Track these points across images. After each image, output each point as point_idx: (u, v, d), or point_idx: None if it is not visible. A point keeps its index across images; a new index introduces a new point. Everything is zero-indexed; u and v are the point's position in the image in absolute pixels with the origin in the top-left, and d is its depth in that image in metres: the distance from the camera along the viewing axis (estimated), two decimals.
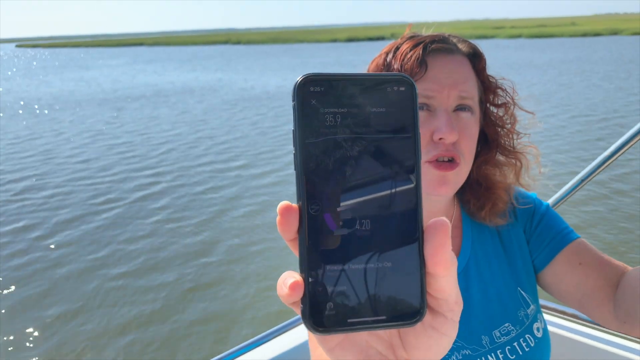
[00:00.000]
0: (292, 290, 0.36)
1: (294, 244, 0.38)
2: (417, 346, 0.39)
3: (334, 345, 0.39)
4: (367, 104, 0.38)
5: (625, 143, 1.43)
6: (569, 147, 9.92)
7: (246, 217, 7.20)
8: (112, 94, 22.59)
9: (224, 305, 4.98)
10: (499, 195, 1.10)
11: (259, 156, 10.53)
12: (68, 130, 14.29)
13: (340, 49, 54.59)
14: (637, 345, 1.47)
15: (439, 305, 0.38)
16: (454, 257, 0.38)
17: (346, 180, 0.37)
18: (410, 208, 0.38)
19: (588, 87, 17.75)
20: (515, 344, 1.04)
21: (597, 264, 1.05)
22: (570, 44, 45.66)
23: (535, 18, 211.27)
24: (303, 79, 0.37)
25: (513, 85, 1.11)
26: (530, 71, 23.65)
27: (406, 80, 0.39)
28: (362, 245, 0.37)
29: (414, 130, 0.38)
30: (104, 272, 5.73)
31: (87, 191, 8.60)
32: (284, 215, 0.36)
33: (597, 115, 12.91)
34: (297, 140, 0.37)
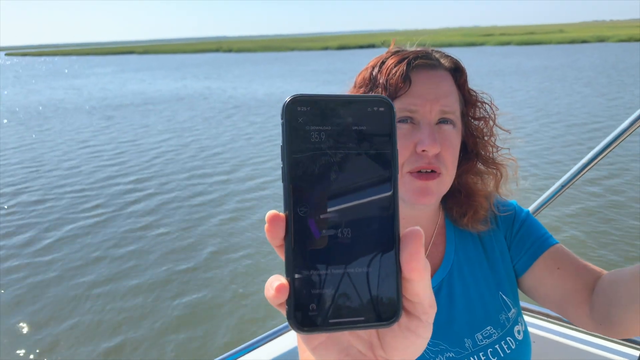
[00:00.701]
0: (277, 292, 0.39)
1: (280, 250, 0.41)
2: (395, 346, 0.42)
3: (317, 344, 0.42)
4: (350, 122, 0.41)
5: (603, 149, 1.48)
6: (548, 152, 10.04)
7: (232, 222, 7.24)
8: (100, 102, 22.57)
9: (208, 310, 4.99)
10: (480, 202, 1.15)
11: (245, 162, 10.57)
12: (55, 138, 14.24)
13: (332, 57, 54.87)
14: (616, 346, 1.51)
15: (414, 308, 0.41)
16: (428, 263, 0.41)
17: (329, 191, 0.40)
18: (387, 218, 0.41)
19: (569, 93, 18.02)
20: (497, 346, 1.08)
21: (574, 268, 1.09)
22: (558, 50, 46.23)
23: (524, 25, 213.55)
24: (291, 99, 0.41)
25: (491, 99, 1.16)
26: (515, 78, 23.97)
27: (385, 101, 0.42)
28: (343, 252, 0.40)
29: (392, 147, 0.42)
30: (89, 278, 5.73)
31: (75, 198, 8.58)
32: (271, 223, 0.40)
33: (575, 121, 13.09)
34: (284, 155, 0.40)
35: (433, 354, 1.05)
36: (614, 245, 5.98)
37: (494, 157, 1.16)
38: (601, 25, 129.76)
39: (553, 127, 12.48)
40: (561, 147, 10.47)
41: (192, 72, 40.79)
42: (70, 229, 7.26)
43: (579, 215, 6.83)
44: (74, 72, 47.81)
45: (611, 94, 17.44)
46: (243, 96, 22.49)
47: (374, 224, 0.41)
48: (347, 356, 0.43)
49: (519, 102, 16.40)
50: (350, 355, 0.43)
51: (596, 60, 31.62)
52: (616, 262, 5.48)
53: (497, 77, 23.77)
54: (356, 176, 0.41)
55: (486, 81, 21.84)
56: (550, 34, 79.95)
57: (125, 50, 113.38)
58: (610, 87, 19.12)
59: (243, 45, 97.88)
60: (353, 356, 0.43)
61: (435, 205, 1.14)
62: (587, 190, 7.58)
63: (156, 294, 5.38)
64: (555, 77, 23.29)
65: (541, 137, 11.35)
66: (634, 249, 5.82)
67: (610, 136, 1.48)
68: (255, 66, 44.82)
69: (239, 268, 5.87)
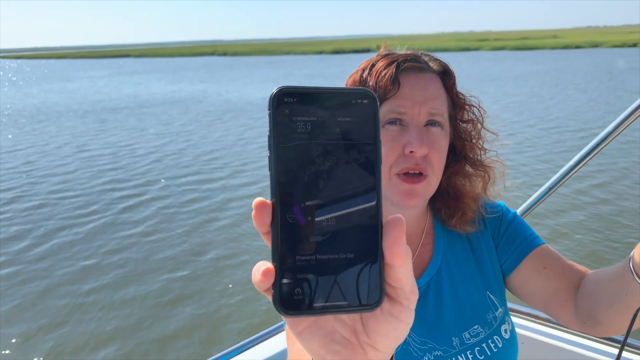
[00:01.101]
0: (264, 277, 0.40)
1: (267, 237, 0.42)
2: (378, 331, 0.43)
3: (301, 329, 0.43)
4: (335, 114, 0.43)
5: (588, 153, 1.50)
6: (536, 156, 10.11)
7: (228, 227, 7.23)
8: (94, 105, 22.52)
9: (205, 315, 4.98)
10: (468, 204, 1.17)
11: (242, 167, 10.57)
12: (49, 142, 14.19)
13: (326, 61, 54.95)
14: (599, 345, 1.54)
15: (397, 293, 0.43)
16: (409, 249, 0.42)
17: (314, 180, 0.42)
18: (371, 205, 0.43)
19: (562, 99, 18.16)
20: (484, 345, 1.10)
21: (560, 268, 1.12)
22: (552, 56, 46.52)
23: (518, 31, 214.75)
24: (278, 90, 0.42)
25: (479, 103, 1.18)
26: (507, 83, 24.13)
27: (369, 94, 0.44)
28: (327, 238, 0.41)
29: (375, 137, 0.43)
30: (83, 285, 5.70)
31: (69, 204, 8.54)
32: (258, 209, 0.41)
33: (565, 125, 13.19)
34: (271, 144, 0.41)
35: (421, 352, 1.06)
36: (599, 245, 6.04)
37: (482, 159, 1.18)
38: (595, 31, 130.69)
39: (543, 132, 12.57)
40: (551, 151, 10.54)
41: (188, 75, 40.75)
42: (64, 234, 7.22)
43: (566, 216, 6.89)
44: (68, 76, 47.64)
45: (601, 98, 17.61)
46: (238, 100, 22.50)
47: (358, 212, 0.42)
48: (331, 341, 0.44)
49: (509, 106, 16.51)
50: (334, 341, 0.44)
51: (589, 66, 31.87)
52: (601, 262, 5.53)
53: (490, 82, 23.92)
54: (341, 165, 0.42)
55: (479, 86, 22.00)
56: (544, 39, 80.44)
57: (121, 53, 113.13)
58: (601, 92, 19.30)
59: (238, 49, 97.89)
60: (337, 341, 0.44)
61: (423, 206, 1.16)
62: (574, 190, 7.66)
63: (153, 301, 5.36)
64: (547, 83, 23.49)
65: (531, 141, 11.43)
66: (618, 249, 5.87)
67: (596, 138, 1.50)
68: (250, 70, 44.82)
69: (237, 274, 5.85)
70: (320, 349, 0.44)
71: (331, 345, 0.44)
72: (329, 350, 0.44)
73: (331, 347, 0.44)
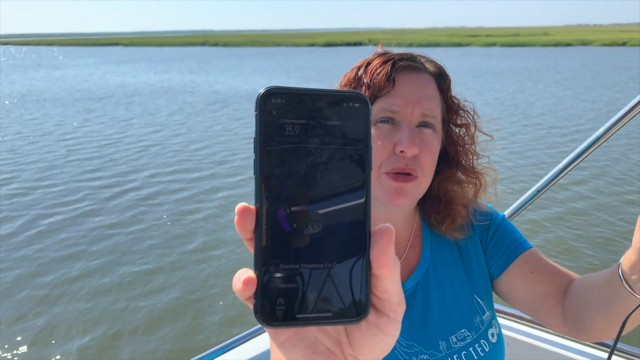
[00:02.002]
0: (245, 286, 0.38)
1: (250, 243, 0.40)
2: (363, 343, 0.42)
3: (284, 339, 0.42)
4: (325, 117, 0.40)
5: (578, 155, 1.50)
6: (522, 154, 10.18)
7: (214, 218, 7.23)
8: (80, 94, 22.25)
9: (188, 307, 4.97)
10: (458, 211, 1.15)
11: (228, 158, 10.53)
12: (35, 130, 14.02)
13: (317, 53, 54.78)
14: (586, 348, 1.55)
15: (383, 305, 0.41)
16: (397, 260, 0.41)
17: (301, 185, 0.40)
18: (359, 214, 0.41)
19: (547, 96, 18.32)
20: (471, 349, 1.09)
21: (547, 272, 1.11)
22: (542, 53, 46.79)
23: (510, 27, 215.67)
24: (265, 91, 0.40)
25: (474, 107, 1.17)
26: (494, 79, 24.27)
27: (361, 97, 0.41)
28: (313, 247, 0.40)
29: (366, 143, 0.41)
30: (68, 272, 5.67)
31: (54, 192, 8.46)
32: (241, 215, 0.39)
33: (553, 123, 13.29)
34: (257, 147, 0.39)
35: (407, 356, 1.06)
36: (587, 249, 6.08)
37: (474, 166, 1.17)
38: (585, 29, 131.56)
39: (529, 129, 12.65)
40: (536, 149, 10.61)
41: (177, 65, 40.40)
42: (48, 222, 7.16)
43: (554, 219, 6.93)
44: (56, 63, 47.03)
45: (589, 97, 17.78)
46: (227, 90, 22.38)
47: (346, 220, 0.41)
48: (314, 353, 0.42)
49: (496, 103, 16.63)
50: (317, 353, 0.42)
51: (579, 64, 32.16)
52: (590, 266, 5.58)
53: (476, 78, 24.06)
54: (329, 171, 0.40)
55: (464, 80, 22.10)
56: (535, 36, 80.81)
57: (110, 41, 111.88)
58: (591, 90, 19.49)
59: (229, 40, 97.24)
60: (320, 353, 0.42)
61: (411, 207, 1.15)
62: (562, 194, 7.71)
63: (135, 290, 5.34)
64: (533, 79, 23.68)
65: (517, 139, 11.50)
66: (606, 254, 5.93)
67: (585, 142, 1.50)
68: (241, 61, 44.56)
69: (221, 265, 5.85)
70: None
71: (314, 357, 0.42)
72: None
73: (314, 358, 0.42)
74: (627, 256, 0.90)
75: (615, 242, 6.16)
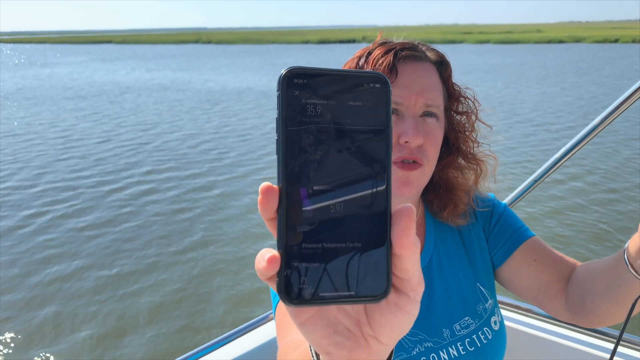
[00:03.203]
0: (269, 264, 0.38)
1: (272, 224, 0.40)
2: (382, 323, 0.42)
3: (305, 319, 0.42)
4: (346, 97, 0.41)
5: (576, 144, 1.52)
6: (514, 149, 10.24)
7: (201, 217, 7.20)
8: (74, 92, 22.11)
9: (192, 298, 4.97)
10: (460, 197, 1.16)
11: (222, 155, 10.50)
12: (19, 129, 13.93)
13: (311, 51, 54.74)
14: (584, 337, 1.56)
15: (403, 285, 0.41)
16: (418, 240, 0.41)
17: (323, 165, 0.40)
18: (380, 194, 0.41)
19: (539, 92, 18.47)
20: (474, 336, 1.09)
21: (550, 260, 1.12)
22: (535, 50, 47.01)
23: (503, 24, 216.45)
24: (287, 71, 0.40)
25: (475, 95, 1.17)
26: (485, 76, 24.42)
27: (382, 78, 0.42)
28: (335, 226, 0.40)
29: (387, 123, 0.42)
30: (50, 271, 5.64)
31: (50, 189, 8.41)
32: (265, 195, 0.39)
33: (544, 119, 13.37)
34: (280, 127, 0.40)
35: (412, 344, 1.06)
36: (587, 237, 6.14)
37: (475, 152, 1.17)
38: (577, 26, 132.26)
39: (522, 124, 12.72)
40: (527, 145, 10.68)
41: (168, 63, 40.20)
42: (37, 221, 7.13)
43: (553, 207, 6.98)
44: (46, 61, 46.70)
45: (579, 93, 17.95)
46: (219, 88, 22.32)
47: (367, 200, 0.41)
48: (334, 333, 0.43)
49: (486, 98, 16.74)
50: (337, 332, 0.43)
51: (571, 60, 32.41)
52: (591, 253, 5.63)
53: (465, 75, 24.21)
54: (351, 152, 0.41)
55: (459, 78, 22.17)
56: (528, 33, 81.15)
57: (103, 39, 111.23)
58: (581, 86, 19.66)
59: (223, 37, 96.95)
60: (340, 333, 0.43)
61: (416, 196, 1.15)
62: (560, 183, 7.77)
63: (137, 283, 5.33)
64: (527, 76, 23.86)
65: (510, 134, 11.58)
66: (606, 241, 5.98)
67: (583, 130, 1.52)
68: (233, 58, 44.45)
69: (223, 257, 5.86)
70: (322, 340, 0.42)
71: (334, 337, 0.43)
72: (332, 342, 0.43)
73: (334, 338, 0.43)
74: (633, 240, 0.90)
75: (608, 234, 6.20)
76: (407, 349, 1.05)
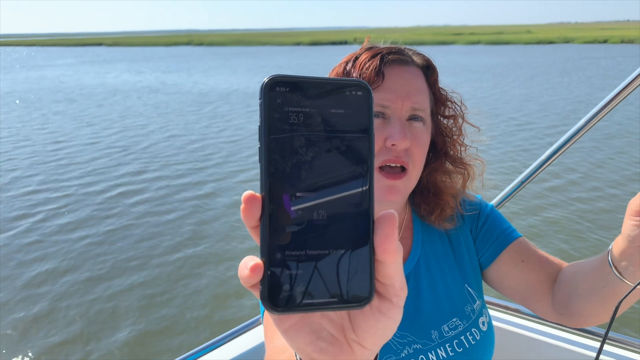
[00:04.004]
0: (252, 272, 0.38)
1: (255, 231, 0.41)
2: (366, 328, 0.42)
3: (288, 326, 0.42)
4: (328, 105, 0.41)
5: (562, 145, 1.53)
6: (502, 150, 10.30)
7: (189, 216, 7.19)
8: (58, 95, 21.96)
9: (178, 300, 4.95)
10: (448, 201, 1.17)
11: (211, 156, 10.48)
12: (14, 133, 13.83)
13: (303, 52, 54.75)
14: (571, 336, 1.58)
15: (386, 290, 0.42)
16: (400, 246, 0.41)
17: (306, 173, 0.40)
18: (363, 201, 0.41)
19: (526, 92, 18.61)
20: (463, 337, 1.10)
21: (537, 261, 1.13)
22: (525, 51, 47.32)
23: (493, 25, 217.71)
24: (270, 79, 0.40)
25: (462, 99, 1.18)
26: (473, 76, 24.58)
27: (363, 85, 0.42)
28: (318, 233, 0.40)
29: (369, 130, 0.42)
30: (34, 272, 5.60)
31: (36, 191, 8.35)
32: (247, 203, 0.40)
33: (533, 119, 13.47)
34: (262, 135, 0.40)
35: (400, 346, 1.06)
36: (573, 238, 6.18)
37: (462, 156, 1.18)
38: (567, 27, 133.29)
39: (510, 125, 12.81)
40: (511, 145, 10.75)
41: (158, 65, 40.00)
42: (35, 220, 7.09)
43: (537, 205, 7.05)
44: (34, 63, 46.33)
45: (559, 89, 18.14)
46: (209, 90, 22.27)
47: (349, 207, 0.41)
48: (318, 339, 0.43)
49: (473, 99, 16.85)
50: (321, 338, 0.43)
51: (559, 60, 32.72)
52: (577, 253, 5.67)
53: (453, 76, 24.36)
54: (333, 159, 0.41)
55: (446, 79, 22.34)
56: (518, 34, 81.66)
57: (93, 42, 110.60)
58: (571, 86, 19.86)
59: (214, 39, 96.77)
60: (324, 339, 0.43)
61: (403, 201, 1.16)
62: (544, 182, 7.84)
63: (119, 285, 5.30)
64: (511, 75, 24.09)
65: (496, 134, 11.66)
66: (592, 242, 6.02)
67: (568, 132, 1.53)
68: (225, 60, 44.35)
69: (210, 257, 5.85)
70: (306, 346, 0.43)
71: (318, 343, 0.43)
72: (316, 348, 0.43)
73: (318, 344, 0.43)
74: (616, 243, 0.91)
75: (590, 233, 6.26)
76: (396, 351, 1.06)
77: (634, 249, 0.87)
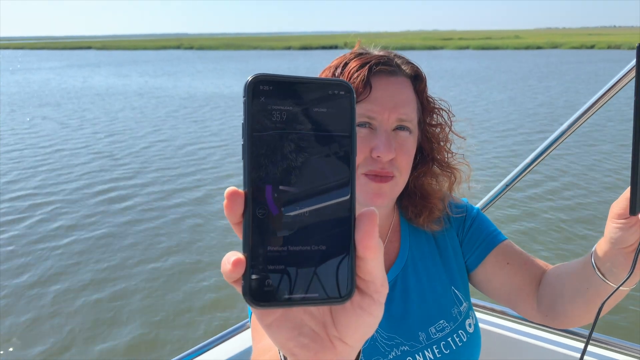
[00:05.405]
0: (234, 267, 0.39)
1: (238, 228, 0.41)
2: (347, 324, 0.43)
3: (270, 321, 0.43)
4: (311, 104, 0.42)
5: (546, 149, 1.56)
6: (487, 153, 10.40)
7: (179, 220, 7.16)
8: (40, 98, 21.80)
9: (168, 304, 4.93)
10: (435, 204, 1.18)
11: (193, 161, 10.46)
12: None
13: (293, 56, 54.86)
14: (555, 337, 1.61)
15: (367, 286, 0.42)
16: (381, 243, 0.42)
17: (288, 170, 0.41)
18: (344, 198, 0.42)
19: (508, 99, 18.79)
20: (450, 339, 1.11)
21: (522, 263, 1.14)
22: (513, 55, 47.78)
23: (482, 30, 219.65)
24: (253, 78, 0.41)
25: (449, 107, 1.19)
26: (459, 81, 24.80)
27: (346, 85, 0.43)
28: (300, 230, 0.41)
29: (351, 129, 0.43)
30: (24, 279, 5.55)
31: (24, 195, 8.28)
32: (230, 199, 0.40)
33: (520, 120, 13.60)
34: (245, 133, 0.40)
35: (388, 348, 1.07)
36: (556, 240, 6.25)
37: (449, 161, 1.20)
38: (554, 33, 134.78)
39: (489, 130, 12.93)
40: (497, 148, 10.87)
41: (146, 69, 39.84)
42: (25, 225, 7.02)
43: (521, 208, 7.13)
44: (20, 67, 45.91)
45: (540, 93, 18.36)
46: (198, 93, 22.23)
47: (331, 204, 0.42)
48: (299, 334, 0.43)
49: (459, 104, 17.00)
50: (302, 334, 0.43)
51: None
52: (560, 256, 5.73)
53: (437, 81, 24.61)
54: (315, 156, 0.42)
55: (434, 84, 22.51)
56: (507, 39, 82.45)
57: (82, 45, 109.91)
58: (556, 90, 20.12)
59: (204, 43, 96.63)
60: (305, 335, 0.43)
61: (390, 204, 1.17)
62: (530, 188, 7.92)
63: (110, 289, 5.27)
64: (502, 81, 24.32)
65: (482, 139, 11.77)
66: (575, 244, 6.09)
67: (552, 136, 1.55)
68: (214, 64, 44.30)
69: (204, 259, 5.83)
70: (288, 341, 0.43)
71: (300, 338, 0.43)
72: (297, 343, 0.43)
73: (299, 340, 0.43)
74: (599, 245, 0.93)
75: (575, 235, 6.32)
76: (384, 353, 1.06)
77: (617, 250, 0.89)
